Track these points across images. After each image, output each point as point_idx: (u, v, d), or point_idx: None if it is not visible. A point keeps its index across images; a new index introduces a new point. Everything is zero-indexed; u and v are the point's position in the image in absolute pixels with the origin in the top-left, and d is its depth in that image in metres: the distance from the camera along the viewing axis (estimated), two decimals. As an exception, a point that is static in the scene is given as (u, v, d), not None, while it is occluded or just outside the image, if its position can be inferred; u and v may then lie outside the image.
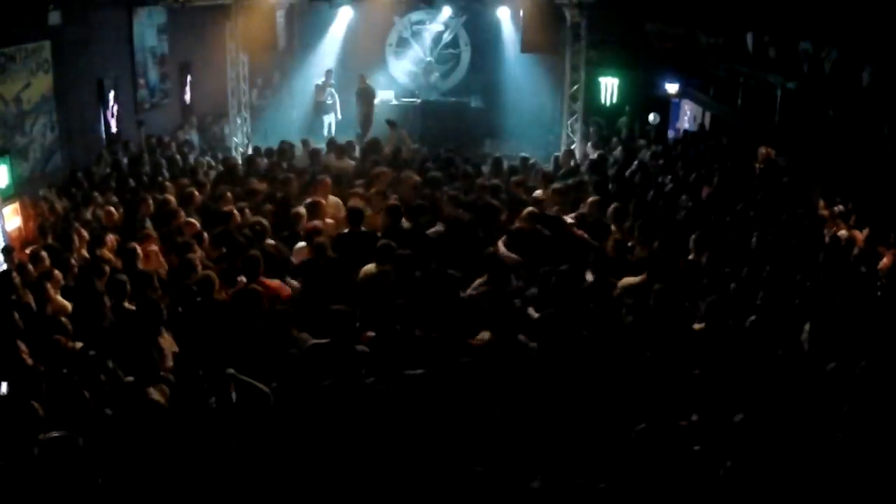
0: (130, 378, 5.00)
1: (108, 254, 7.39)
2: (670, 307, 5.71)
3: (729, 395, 4.74)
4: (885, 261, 7.08)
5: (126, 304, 6.18)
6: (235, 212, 8.11)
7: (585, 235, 7.65)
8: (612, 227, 7.82)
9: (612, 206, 8.28)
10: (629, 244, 7.48)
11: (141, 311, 5.82)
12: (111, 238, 7.72)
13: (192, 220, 8.01)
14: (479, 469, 4.08)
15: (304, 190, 9.12)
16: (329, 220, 8.00)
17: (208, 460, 4.37)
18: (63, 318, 5.93)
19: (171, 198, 8.80)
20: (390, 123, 13.12)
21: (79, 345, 5.41)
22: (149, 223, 8.22)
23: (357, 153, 11.47)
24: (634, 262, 7.03)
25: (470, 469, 4.09)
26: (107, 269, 6.76)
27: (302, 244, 7.30)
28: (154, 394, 4.84)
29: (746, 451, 4.18)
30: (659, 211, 8.79)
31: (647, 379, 4.82)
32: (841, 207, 8.54)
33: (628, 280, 6.44)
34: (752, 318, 5.54)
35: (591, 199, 8.58)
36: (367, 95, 15.73)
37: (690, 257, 6.95)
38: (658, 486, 4.08)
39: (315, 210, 7.96)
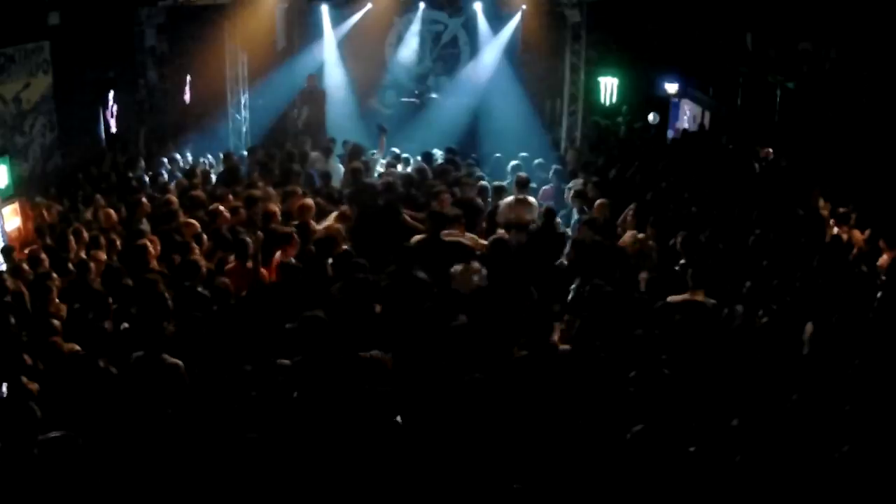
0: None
1: (102, 255, 7.38)
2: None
3: (733, 396, 4.74)
4: (884, 258, 7.07)
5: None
6: (222, 209, 8.13)
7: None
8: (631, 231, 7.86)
9: (631, 207, 8.29)
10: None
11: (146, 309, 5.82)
12: (109, 238, 7.72)
13: (192, 220, 7.99)
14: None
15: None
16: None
17: (215, 457, 4.37)
18: (57, 321, 5.93)
19: (174, 198, 8.82)
20: (381, 129, 13.12)
21: (75, 347, 5.42)
22: (146, 224, 8.22)
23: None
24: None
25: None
26: (93, 267, 6.79)
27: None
28: (170, 359, 4.91)
29: (749, 453, 4.18)
30: (666, 212, 8.79)
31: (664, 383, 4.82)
32: (842, 208, 8.52)
33: (676, 298, 6.31)
34: (764, 319, 5.54)
35: (599, 202, 8.56)
36: (315, 97, 15.46)
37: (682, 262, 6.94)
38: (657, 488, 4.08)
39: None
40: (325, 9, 16.30)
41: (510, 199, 8.62)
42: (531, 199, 8.67)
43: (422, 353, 5.21)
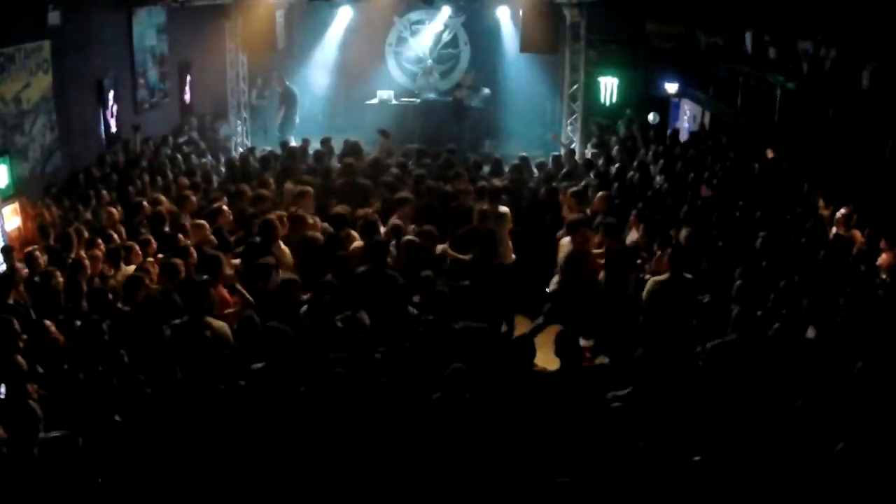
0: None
1: (99, 254, 7.38)
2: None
3: (737, 400, 4.74)
4: (884, 258, 7.07)
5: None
6: (225, 209, 8.14)
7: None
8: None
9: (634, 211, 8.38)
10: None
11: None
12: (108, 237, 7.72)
13: (201, 222, 7.98)
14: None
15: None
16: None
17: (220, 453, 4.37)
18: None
19: (164, 199, 8.87)
20: (382, 133, 13.10)
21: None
22: (145, 225, 8.22)
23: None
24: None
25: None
26: (87, 264, 6.82)
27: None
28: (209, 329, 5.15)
29: (752, 455, 4.18)
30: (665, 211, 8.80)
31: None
32: (843, 210, 8.52)
33: (657, 278, 6.52)
34: (776, 325, 5.55)
35: (599, 195, 8.65)
36: (290, 97, 15.60)
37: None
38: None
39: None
40: (325, 8, 16.31)
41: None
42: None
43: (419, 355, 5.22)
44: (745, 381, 4.95)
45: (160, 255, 7.23)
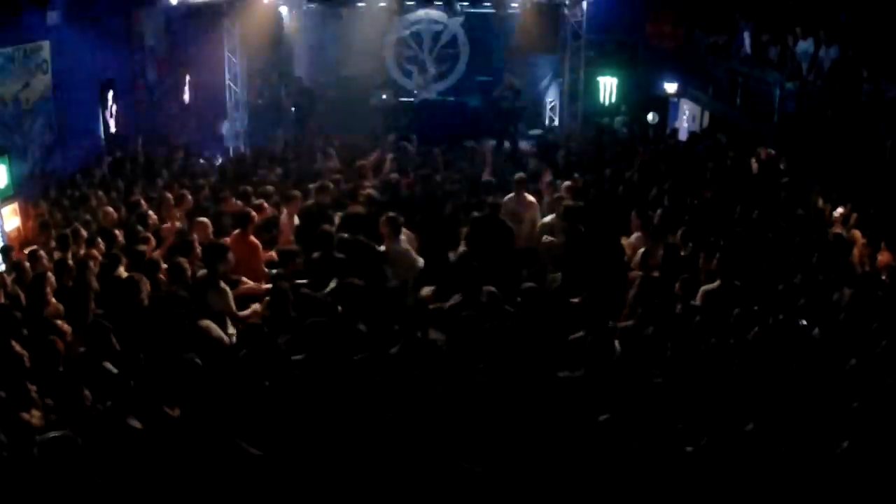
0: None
1: (96, 254, 7.37)
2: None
3: (737, 396, 4.74)
4: (882, 257, 7.08)
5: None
6: (266, 206, 8.19)
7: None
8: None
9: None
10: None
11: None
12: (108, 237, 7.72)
13: (204, 220, 7.97)
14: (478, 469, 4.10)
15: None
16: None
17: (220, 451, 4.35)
18: (58, 320, 5.92)
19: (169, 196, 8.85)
20: (374, 129, 13.13)
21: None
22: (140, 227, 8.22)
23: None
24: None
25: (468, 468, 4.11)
26: (91, 265, 6.81)
27: None
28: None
29: (752, 452, 4.19)
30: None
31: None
32: (842, 209, 8.52)
33: (707, 288, 6.31)
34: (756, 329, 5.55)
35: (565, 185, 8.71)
36: (307, 96, 15.80)
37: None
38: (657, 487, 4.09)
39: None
40: (324, 9, 16.32)
41: (511, 195, 8.70)
42: (529, 197, 8.73)
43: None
44: (747, 381, 4.95)
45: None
